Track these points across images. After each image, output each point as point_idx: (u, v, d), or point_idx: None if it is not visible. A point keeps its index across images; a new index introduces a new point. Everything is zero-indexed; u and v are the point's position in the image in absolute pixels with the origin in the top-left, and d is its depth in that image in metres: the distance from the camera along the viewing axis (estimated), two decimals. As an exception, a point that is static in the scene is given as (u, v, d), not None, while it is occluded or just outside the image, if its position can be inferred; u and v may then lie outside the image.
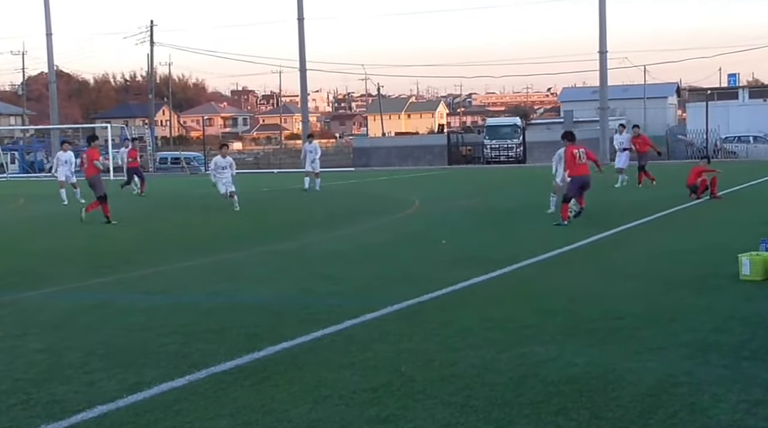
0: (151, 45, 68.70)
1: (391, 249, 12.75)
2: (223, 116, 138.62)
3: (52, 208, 23.33)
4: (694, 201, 19.04)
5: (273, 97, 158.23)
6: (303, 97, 55.51)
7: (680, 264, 10.38)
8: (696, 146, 48.72)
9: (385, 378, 5.75)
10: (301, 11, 51.50)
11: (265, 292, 9.44)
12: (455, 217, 17.53)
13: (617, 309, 7.76)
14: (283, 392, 5.53)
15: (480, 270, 10.12)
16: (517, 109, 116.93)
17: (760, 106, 52.75)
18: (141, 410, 5.26)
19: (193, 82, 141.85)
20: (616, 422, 4.80)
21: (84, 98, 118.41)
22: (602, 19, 46.69)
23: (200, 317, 8.02)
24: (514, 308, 7.99)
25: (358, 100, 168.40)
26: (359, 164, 52.71)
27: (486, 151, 52.08)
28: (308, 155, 28.16)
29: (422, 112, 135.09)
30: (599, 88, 49.20)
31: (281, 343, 6.82)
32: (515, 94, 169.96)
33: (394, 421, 4.91)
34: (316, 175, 27.82)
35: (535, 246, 12.21)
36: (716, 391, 5.26)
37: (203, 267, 11.41)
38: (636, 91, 79.39)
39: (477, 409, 5.07)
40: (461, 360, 6.16)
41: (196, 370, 6.08)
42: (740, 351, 6.21)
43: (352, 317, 7.68)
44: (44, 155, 57.60)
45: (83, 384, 5.87)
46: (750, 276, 9.01)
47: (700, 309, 7.72)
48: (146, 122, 78.08)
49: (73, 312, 8.49)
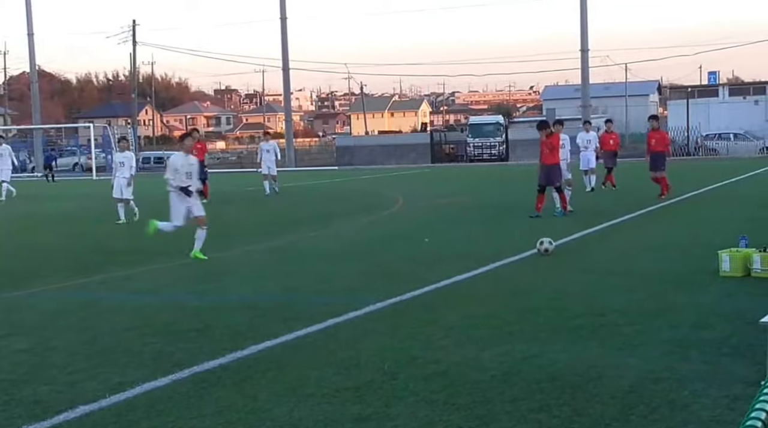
0: (134, 44, 68.34)
1: (375, 248, 12.76)
2: (207, 115, 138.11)
3: (36, 207, 23.17)
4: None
5: (256, 96, 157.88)
6: (286, 95, 55.44)
7: (661, 260, 10.45)
8: (677, 144, 49.03)
9: (368, 377, 5.76)
10: (284, 10, 51.43)
11: (249, 291, 9.43)
12: (439, 215, 17.57)
13: (599, 306, 7.81)
14: (266, 391, 5.53)
15: (463, 268, 10.15)
16: (499, 107, 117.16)
17: (739, 104, 53.17)
18: (123, 410, 5.25)
19: (176, 82, 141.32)
20: (598, 418, 4.83)
21: (67, 98, 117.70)
22: (584, 18, 46.92)
23: (184, 316, 8.01)
24: (498, 305, 8.03)
25: (341, 99, 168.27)
26: (343, 163, 52.70)
27: (469, 149, 52.22)
28: (265, 156, 25.26)
29: (405, 111, 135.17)
30: (581, 86, 49.47)
31: (264, 342, 6.82)
32: (498, 92, 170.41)
33: (376, 419, 4.93)
34: (273, 178, 25.34)
35: (518, 243, 12.26)
36: (697, 387, 5.31)
37: (188, 266, 11.38)
38: (618, 89, 79.80)
39: (459, 407, 5.09)
40: (444, 358, 6.18)
41: (179, 370, 6.07)
42: (720, 347, 6.26)
43: (335, 315, 7.68)
44: (26, 155, 57.21)
45: (66, 384, 5.85)
46: (730, 273, 9.09)
47: (681, 305, 7.78)
48: (129, 122, 77.65)
49: (57, 312, 8.45)
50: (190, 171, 11.87)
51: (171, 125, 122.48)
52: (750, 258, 9.10)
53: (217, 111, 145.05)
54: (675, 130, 50.27)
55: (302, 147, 76.64)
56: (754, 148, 47.19)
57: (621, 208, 17.16)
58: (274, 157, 25.19)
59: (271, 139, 27.25)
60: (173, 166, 11.86)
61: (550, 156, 15.96)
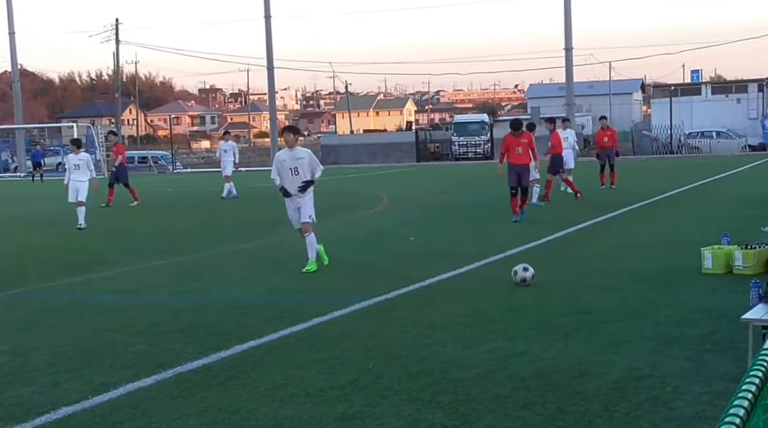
0: (117, 43, 67.94)
1: (360, 247, 12.76)
2: (191, 115, 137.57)
3: (20, 207, 23.00)
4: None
5: (241, 95, 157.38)
6: (271, 95, 55.27)
7: (644, 258, 10.51)
8: (661, 142, 49.31)
9: (353, 376, 5.76)
10: (268, 9, 51.25)
11: (234, 291, 9.40)
12: (424, 214, 17.58)
13: (584, 304, 7.84)
14: (250, 391, 5.52)
15: (448, 267, 10.16)
16: (484, 105, 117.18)
17: (722, 102, 53.50)
18: (107, 411, 5.22)
19: (160, 81, 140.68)
20: (581, 416, 4.85)
21: (49, 97, 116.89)
22: (567, 16, 47.04)
23: (168, 317, 7.97)
24: (482, 304, 8.04)
25: (326, 98, 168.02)
26: (328, 161, 52.54)
27: (454, 148, 52.28)
28: (223, 155, 24.07)
29: (390, 110, 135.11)
30: (565, 84, 49.58)
31: (248, 342, 6.81)
32: (483, 90, 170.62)
33: (361, 418, 4.92)
34: (226, 179, 23.65)
35: (503, 241, 12.29)
36: (679, 383, 5.35)
37: (172, 267, 11.33)
38: (602, 88, 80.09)
39: (444, 405, 5.10)
40: (429, 357, 6.18)
41: (163, 370, 6.05)
42: (703, 343, 6.30)
43: (319, 314, 7.68)
44: (9, 155, 56.76)
45: (48, 385, 5.81)
46: (712, 270, 9.15)
47: (664, 302, 7.82)
48: (113, 121, 77.21)
49: (40, 313, 8.40)
50: (295, 166, 10.29)
51: (155, 125, 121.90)
52: (732, 256, 9.16)
53: (202, 110, 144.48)
54: (658, 129, 50.58)
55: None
56: (736, 146, 47.51)
57: (604, 206, 17.22)
58: (231, 157, 23.99)
59: (230, 138, 25.94)
60: (275, 163, 10.56)
61: (524, 156, 15.23)
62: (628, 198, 18.72)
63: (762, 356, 2.13)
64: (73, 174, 16.70)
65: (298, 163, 10.28)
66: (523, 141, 15.26)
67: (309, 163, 10.36)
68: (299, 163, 10.28)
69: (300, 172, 10.28)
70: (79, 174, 16.66)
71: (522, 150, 15.19)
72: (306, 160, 10.34)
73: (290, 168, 10.29)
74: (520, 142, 15.21)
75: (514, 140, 15.28)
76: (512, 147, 15.24)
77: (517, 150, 15.18)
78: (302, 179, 10.29)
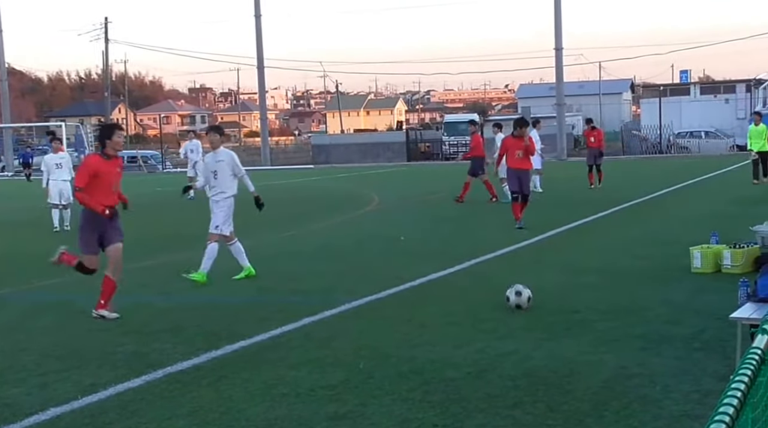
0: (106, 42, 67.73)
1: (351, 246, 12.75)
2: (181, 114, 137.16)
3: (7, 206, 22.89)
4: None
5: (231, 94, 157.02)
6: (261, 94, 55.20)
7: (634, 257, 10.54)
8: (650, 141, 49.47)
9: (344, 375, 5.76)
10: (258, 8, 51.18)
11: (224, 291, 9.38)
12: (414, 213, 17.59)
13: (574, 303, 7.86)
14: (240, 391, 5.51)
15: (439, 266, 10.17)
16: (475, 105, 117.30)
17: (711, 102, 53.72)
18: (96, 411, 5.20)
19: (149, 80, 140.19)
20: (571, 414, 4.86)
21: (38, 96, 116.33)
22: (558, 17, 47.14)
23: (158, 317, 7.95)
24: (473, 303, 8.05)
25: (317, 97, 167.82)
26: (319, 161, 52.62)
27: (445, 148, 52.32)
28: (190, 155, 23.61)
29: (381, 109, 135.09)
30: (555, 84, 49.68)
31: (239, 342, 6.80)
32: (473, 90, 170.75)
33: (352, 418, 4.92)
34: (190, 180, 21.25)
35: (493, 241, 12.31)
36: (668, 382, 5.37)
37: (162, 267, 11.30)
38: (591, 88, 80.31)
39: (434, 404, 5.11)
40: (420, 356, 6.19)
41: (153, 370, 6.03)
42: (692, 342, 6.33)
43: (310, 314, 7.67)
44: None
45: (36, 386, 5.79)
46: (701, 269, 9.19)
47: (654, 301, 7.85)
48: (102, 120, 76.94)
49: (29, 314, 8.37)
50: (214, 169, 9.90)
51: (145, 124, 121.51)
52: (720, 255, 9.20)
53: (192, 109, 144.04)
54: (648, 128, 50.74)
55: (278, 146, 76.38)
56: (724, 146, 47.72)
57: (593, 206, 17.27)
58: (197, 157, 23.01)
59: (195, 138, 25.21)
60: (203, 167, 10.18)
61: (524, 160, 14.17)
62: (617, 198, 18.77)
63: (750, 355, 2.15)
64: (55, 174, 16.05)
65: (218, 165, 9.85)
66: (524, 144, 14.18)
67: (230, 166, 9.81)
68: (218, 166, 9.85)
69: (218, 176, 9.83)
70: (61, 173, 16.07)
71: (522, 154, 14.12)
72: (225, 162, 9.84)
73: (211, 171, 9.90)
74: (521, 146, 14.13)
75: (514, 143, 14.26)
76: (512, 150, 14.24)
77: (517, 154, 14.09)
78: (220, 185, 9.81)
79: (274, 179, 34.83)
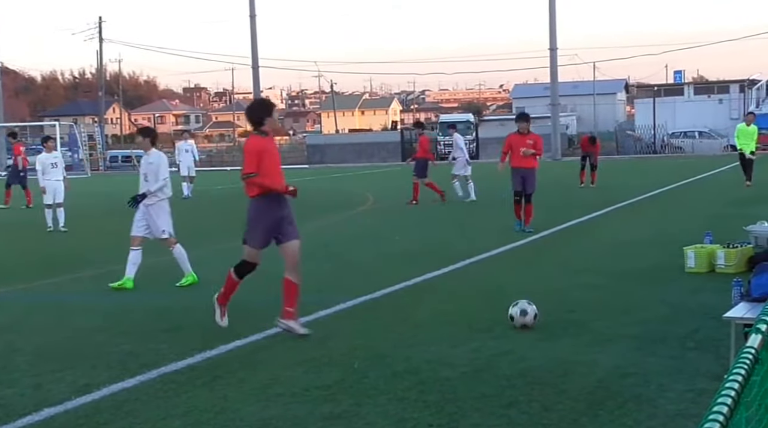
0: (100, 41, 67.63)
1: (345, 246, 12.75)
2: (175, 114, 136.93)
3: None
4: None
5: (226, 94, 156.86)
6: (256, 94, 55.10)
7: (628, 257, 10.56)
8: (644, 141, 49.58)
9: (339, 375, 5.75)
10: (253, 8, 51.12)
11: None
12: (409, 213, 17.59)
13: (568, 303, 7.87)
14: (235, 391, 5.50)
15: (434, 266, 10.17)
16: (470, 105, 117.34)
17: (704, 102, 53.85)
18: (90, 411, 5.19)
19: (144, 80, 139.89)
20: (567, 414, 4.87)
21: (32, 96, 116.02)
22: (552, 17, 47.21)
23: (153, 317, 7.94)
24: (468, 303, 8.06)
25: (312, 97, 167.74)
26: (313, 161, 52.64)
27: (439, 148, 52.35)
28: (183, 155, 23.65)
29: (376, 109, 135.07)
30: (550, 84, 49.75)
31: (234, 342, 6.79)
32: (468, 90, 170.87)
33: (347, 418, 4.92)
34: (191, 180, 23.60)
35: (488, 241, 12.32)
36: (663, 381, 5.38)
37: (157, 267, 11.27)
38: (586, 88, 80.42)
39: (430, 404, 5.11)
40: (415, 356, 6.19)
41: (148, 370, 6.02)
42: (686, 342, 6.35)
43: (305, 314, 7.65)
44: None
45: (30, 386, 5.77)
46: (695, 269, 9.21)
47: (648, 301, 7.87)
48: (96, 120, 76.80)
49: (24, 314, 8.34)
50: (145, 172, 9.67)
51: (139, 124, 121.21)
52: (714, 255, 9.22)
53: (186, 109, 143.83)
54: (642, 128, 50.85)
55: (272, 145, 76.17)
56: (718, 146, 47.84)
57: (588, 206, 17.30)
58: (192, 157, 23.74)
59: (190, 138, 25.58)
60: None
61: (529, 159, 13.41)
62: (611, 197, 18.81)
63: (744, 354, 2.15)
64: (50, 173, 15.91)
65: (149, 168, 9.53)
66: (529, 142, 13.40)
67: (158, 170, 9.51)
68: (149, 169, 9.52)
69: (150, 179, 9.53)
70: (56, 173, 15.96)
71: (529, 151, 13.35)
72: (155, 164, 9.53)
73: (143, 173, 9.63)
74: (525, 143, 13.37)
75: (518, 140, 13.47)
76: (515, 148, 13.44)
77: (522, 151, 13.35)
78: (149, 187, 9.52)
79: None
